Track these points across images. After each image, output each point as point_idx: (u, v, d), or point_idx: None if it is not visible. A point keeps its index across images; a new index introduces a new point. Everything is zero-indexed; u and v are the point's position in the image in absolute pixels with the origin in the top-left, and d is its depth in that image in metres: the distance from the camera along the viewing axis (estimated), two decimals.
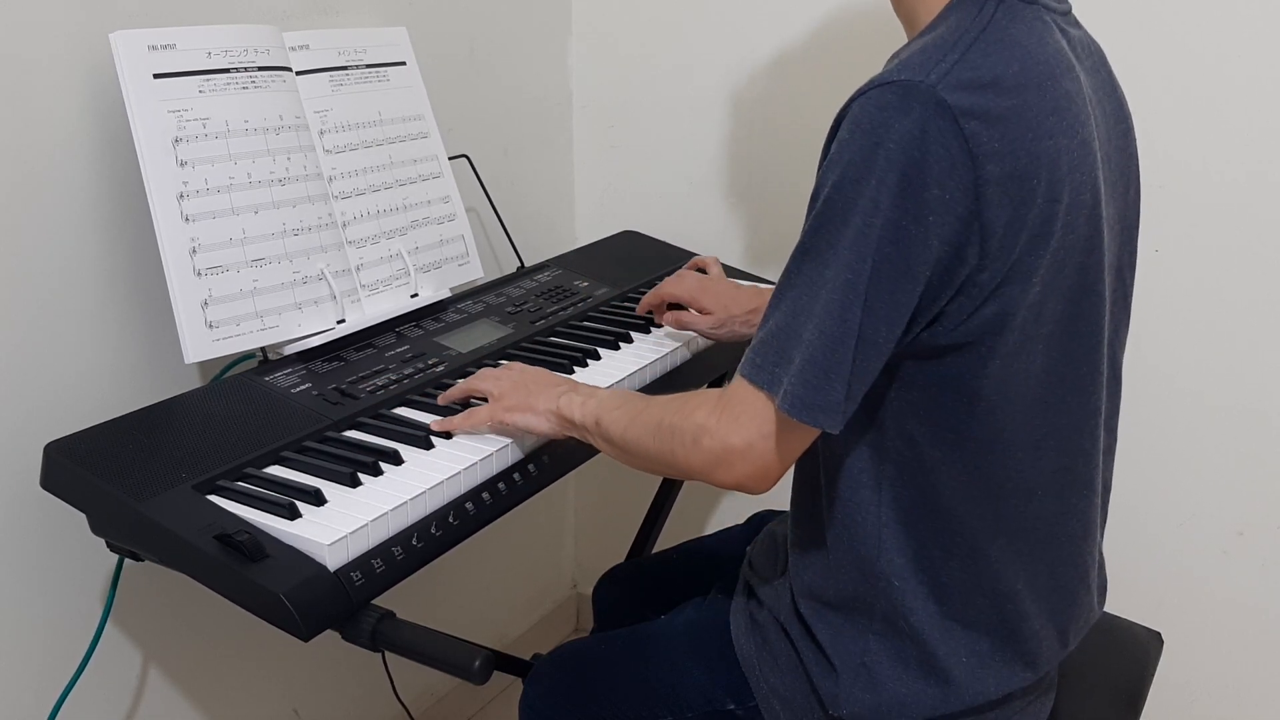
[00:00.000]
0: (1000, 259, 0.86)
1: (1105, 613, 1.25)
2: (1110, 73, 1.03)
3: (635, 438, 1.00)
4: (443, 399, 1.18)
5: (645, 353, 1.36)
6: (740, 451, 0.90)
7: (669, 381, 1.36)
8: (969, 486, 0.95)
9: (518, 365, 1.19)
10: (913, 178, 0.83)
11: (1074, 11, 1.00)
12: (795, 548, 1.06)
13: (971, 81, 0.84)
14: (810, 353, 0.86)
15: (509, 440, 1.12)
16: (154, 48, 1.16)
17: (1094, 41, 1.02)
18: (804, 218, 0.90)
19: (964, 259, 0.86)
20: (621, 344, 1.38)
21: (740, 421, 0.90)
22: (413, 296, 1.39)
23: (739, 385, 0.91)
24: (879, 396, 0.93)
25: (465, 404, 1.17)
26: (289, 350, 1.25)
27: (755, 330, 1.34)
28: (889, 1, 1.00)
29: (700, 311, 1.37)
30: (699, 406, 0.94)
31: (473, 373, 1.28)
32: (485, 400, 1.14)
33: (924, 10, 0.95)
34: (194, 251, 1.16)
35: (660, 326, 1.43)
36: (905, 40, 1.00)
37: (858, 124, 0.85)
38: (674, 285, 1.40)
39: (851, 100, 0.87)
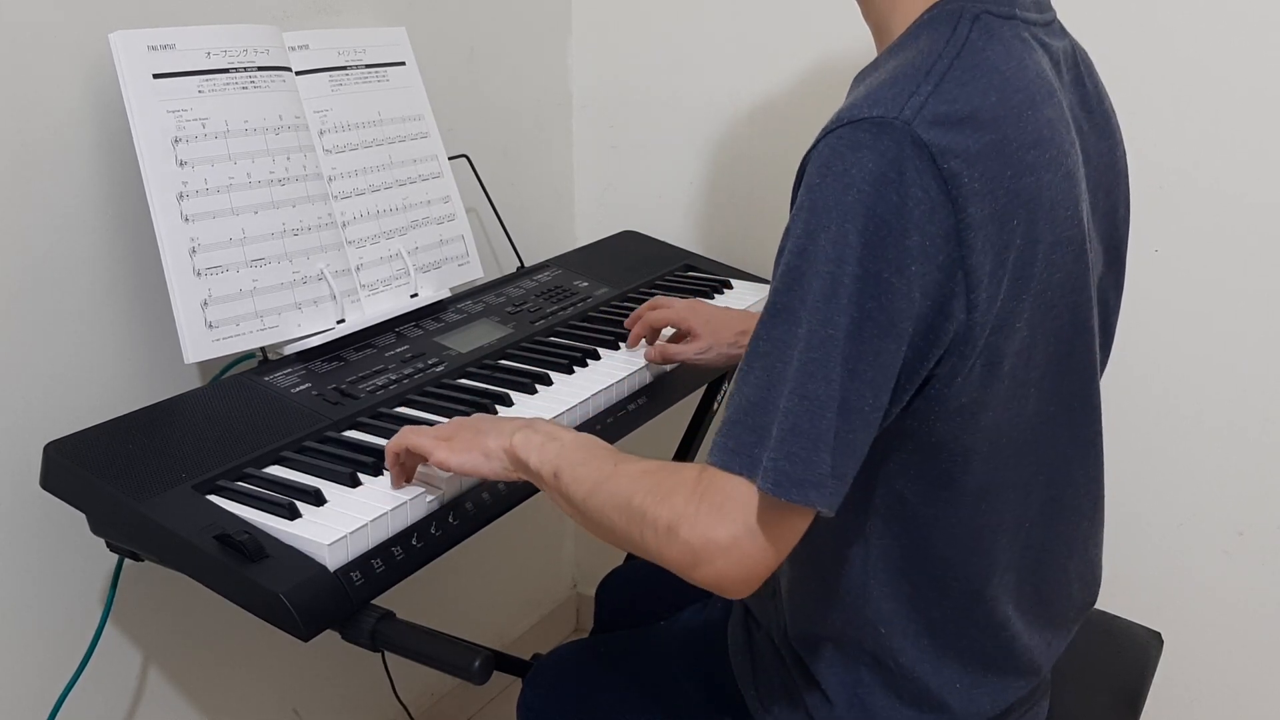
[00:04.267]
0: (987, 309, 0.80)
1: (1105, 613, 1.25)
2: (1097, 82, 0.98)
3: (599, 508, 0.88)
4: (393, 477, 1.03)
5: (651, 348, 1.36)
6: (724, 547, 0.78)
7: (669, 381, 1.36)
8: (961, 534, 0.92)
9: (456, 418, 1.07)
10: (891, 224, 0.76)
11: (1059, 18, 0.95)
12: (784, 583, 1.04)
13: (948, 116, 0.78)
14: (791, 421, 0.77)
15: None
16: (153, 48, 1.16)
17: (1079, 49, 0.97)
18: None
19: (950, 314, 0.79)
20: (622, 344, 1.38)
21: (724, 512, 0.79)
22: (412, 296, 1.39)
23: (714, 474, 0.80)
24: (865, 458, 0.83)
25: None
26: (289, 350, 1.25)
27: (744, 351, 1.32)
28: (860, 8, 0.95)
29: (687, 333, 1.31)
30: (675, 490, 0.82)
31: (477, 372, 1.29)
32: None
33: (895, 21, 0.89)
34: (194, 251, 1.16)
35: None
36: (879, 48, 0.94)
37: (828, 166, 0.77)
38: (660, 312, 1.33)
39: (819, 139, 0.79)
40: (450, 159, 1.48)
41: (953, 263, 0.78)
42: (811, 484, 0.77)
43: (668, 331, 1.37)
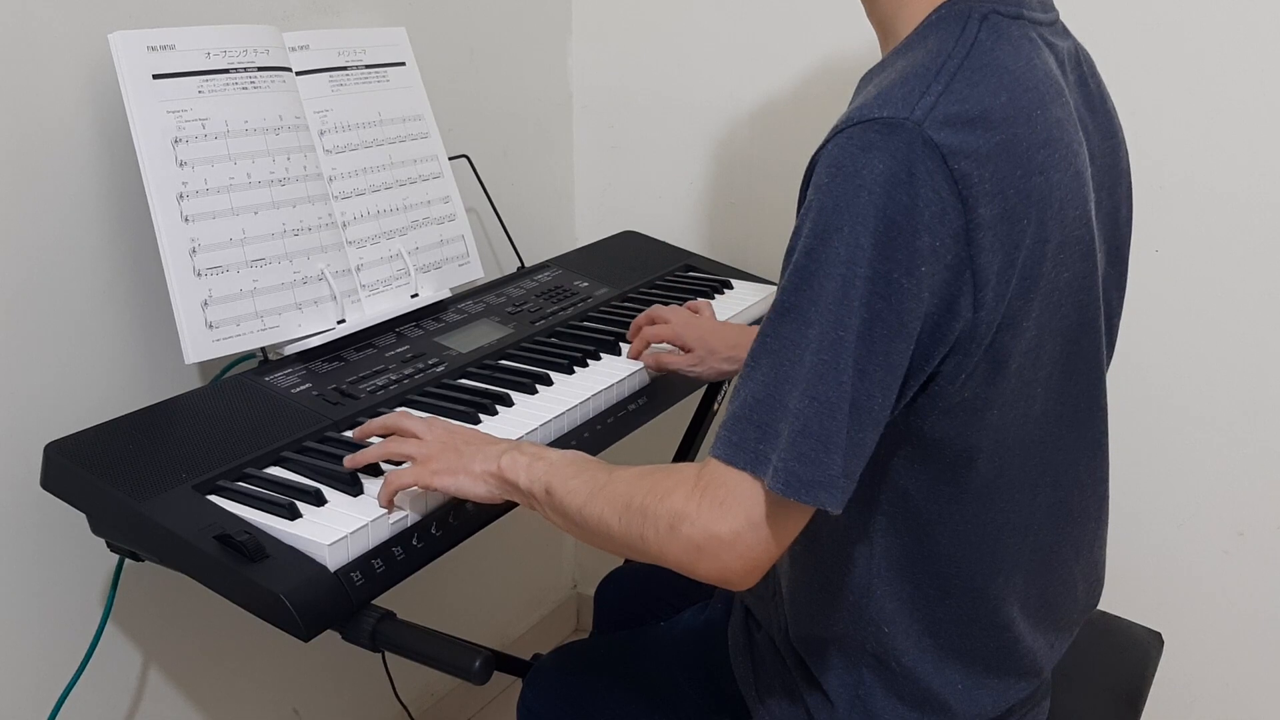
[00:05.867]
0: (994, 308, 0.80)
1: (1105, 613, 1.25)
2: (1100, 83, 0.98)
3: (597, 515, 0.88)
4: (351, 461, 1.03)
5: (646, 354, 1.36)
6: (727, 541, 0.79)
7: (669, 382, 1.36)
8: (966, 533, 0.92)
9: (440, 421, 1.05)
10: (902, 225, 0.76)
11: (1063, 18, 0.95)
12: (785, 583, 1.04)
13: (958, 116, 0.78)
14: (802, 422, 0.77)
15: None
16: (153, 48, 1.16)
17: (1082, 49, 0.97)
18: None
19: (957, 312, 0.79)
20: (622, 345, 1.38)
21: (726, 507, 0.79)
22: (413, 297, 1.39)
23: (716, 469, 0.80)
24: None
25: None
26: (289, 350, 1.25)
27: (738, 366, 1.29)
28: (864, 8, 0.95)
29: (681, 349, 1.32)
30: (675, 488, 0.83)
31: (477, 372, 1.29)
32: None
33: (901, 21, 0.89)
34: (194, 252, 1.16)
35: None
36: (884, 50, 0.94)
37: (838, 167, 0.77)
38: (658, 328, 1.33)
39: (829, 139, 0.80)
40: (450, 159, 1.48)
41: (961, 262, 0.78)
42: (822, 485, 0.77)
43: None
